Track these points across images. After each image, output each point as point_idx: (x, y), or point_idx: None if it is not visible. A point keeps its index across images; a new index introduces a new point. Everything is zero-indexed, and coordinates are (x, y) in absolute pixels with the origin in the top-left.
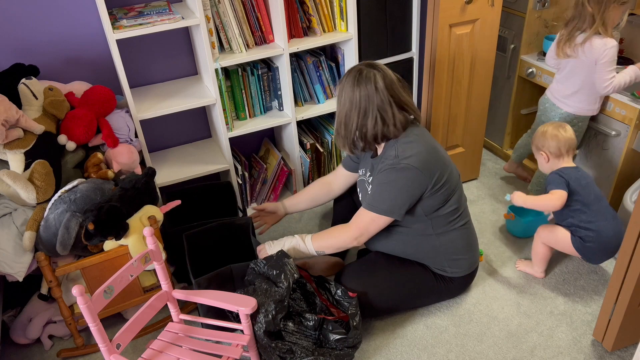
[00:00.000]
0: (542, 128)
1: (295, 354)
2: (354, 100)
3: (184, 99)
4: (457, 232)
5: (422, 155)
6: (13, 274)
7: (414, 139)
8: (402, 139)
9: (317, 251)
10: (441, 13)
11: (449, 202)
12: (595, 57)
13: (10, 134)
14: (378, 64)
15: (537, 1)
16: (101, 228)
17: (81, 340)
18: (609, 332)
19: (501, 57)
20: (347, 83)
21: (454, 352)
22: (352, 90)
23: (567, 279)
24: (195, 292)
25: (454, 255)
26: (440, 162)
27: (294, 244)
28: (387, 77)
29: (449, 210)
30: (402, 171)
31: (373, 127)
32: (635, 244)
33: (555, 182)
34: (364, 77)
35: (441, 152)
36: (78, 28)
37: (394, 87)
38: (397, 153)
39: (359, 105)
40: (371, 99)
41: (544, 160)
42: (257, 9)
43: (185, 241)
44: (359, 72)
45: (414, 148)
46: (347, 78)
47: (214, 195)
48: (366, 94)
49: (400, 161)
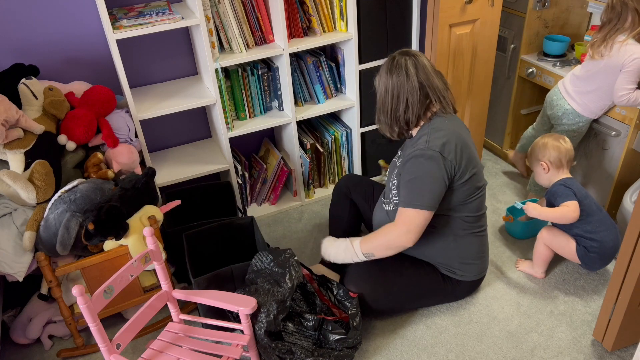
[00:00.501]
0: (541, 140)
1: (294, 354)
2: (388, 88)
3: (184, 99)
4: (473, 237)
5: (451, 144)
6: (13, 274)
7: (444, 126)
8: (434, 126)
9: (365, 254)
10: (441, 13)
11: (471, 203)
12: (622, 62)
13: (10, 134)
14: (412, 51)
15: (537, 1)
16: (101, 228)
17: (81, 340)
18: (609, 332)
19: (501, 57)
20: (382, 71)
21: (454, 352)
22: (386, 77)
23: (567, 279)
24: (195, 292)
25: (467, 259)
26: (467, 152)
27: (344, 247)
28: (420, 64)
29: (472, 213)
30: (431, 159)
31: (404, 113)
32: (635, 244)
33: (564, 194)
34: (396, 64)
35: (470, 146)
36: (78, 28)
37: (425, 72)
38: (428, 139)
39: (391, 92)
40: (402, 85)
41: (543, 171)
42: (257, 9)
43: (185, 241)
44: (392, 60)
45: (443, 137)
46: (383, 66)
47: (214, 195)
48: (397, 80)
49: (430, 148)
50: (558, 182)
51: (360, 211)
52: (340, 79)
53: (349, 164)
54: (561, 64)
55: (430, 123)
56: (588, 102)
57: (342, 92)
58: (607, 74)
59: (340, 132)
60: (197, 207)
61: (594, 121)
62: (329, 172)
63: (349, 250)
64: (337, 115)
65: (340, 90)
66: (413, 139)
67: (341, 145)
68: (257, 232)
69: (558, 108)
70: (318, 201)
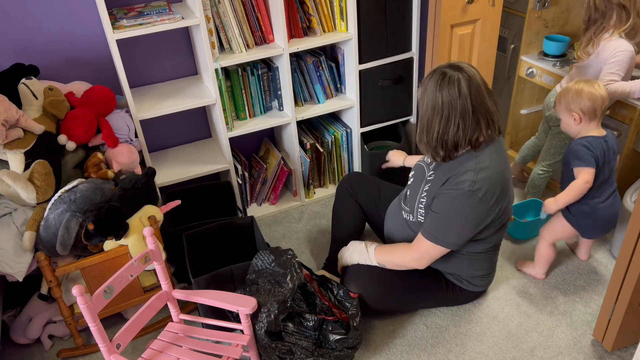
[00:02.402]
0: (575, 86)
1: (295, 354)
2: (437, 106)
3: (184, 99)
4: (487, 255)
5: (496, 188)
6: (13, 274)
7: (492, 164)
8: (482, 160)
9: (378, 263)
10: (443, 14)
11: (495, 235)
12: (606, 57)
13: (10, 134)
14: (464, 66)
15: (537, 1)
16: (101, 228)
17: (81, 340)
18: (609, 332)
19: (501, 57)
20: (429, 86)
21: (454, 352)
22: (435, 94)
23: (567, 279)
24: (195, 292)
25: (477, 274)
26: (508, 194)
27: (360, 249)
28: (473, 82)
29: (492, 241)
30: (471, 204)
31: (455, 135)
32: (635, 244)
33: (583, 158)
34: (447, 80)
35: (510, 183)
36: (78, 28)
37: (479, 92)
38: (475, 179)
39: (441, 111)
40: (454, 104)
41: (574, 122)
42: (257, 9)
43: (185, 241)
44: (442, 75)
45: (490, 179)
46: (429, 81)
47: (214, 195)
48: (449, 99)
49: (474, 191)
50: (581, 139)
51: (364, 212)
52: (340, 79)
53: (349, 164)
54: (561, 64)
55: (477, 155)
56: None
57: (342, 92)
58: (596, 71)
59: (340, 132)
60: (197, 207)
61: None
62: (329, 172)
63: (363, 254)
64: (337, 115)
65: (340, 90)
66: (454, 162)
67: (341, 145)
68: (257, 232)
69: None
70: (318, 201)
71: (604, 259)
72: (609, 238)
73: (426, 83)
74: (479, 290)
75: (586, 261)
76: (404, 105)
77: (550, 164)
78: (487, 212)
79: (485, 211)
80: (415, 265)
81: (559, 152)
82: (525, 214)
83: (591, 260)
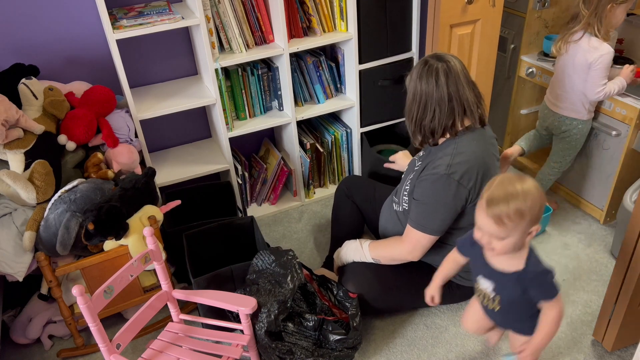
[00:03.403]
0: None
1: (295, 354)
2: (416, 93)
3: (184, 99)
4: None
5: (472, 171)
6: (13, 274)
7: (469, 148)
8: (459, 146)
9: (373, 258)
10: (442, 14)
11: None
12: (588, 60)
13: (10, 134)
14: (445, 56)
15: (537, 1)
16: (101, 228)
17: (81, 340)
18: (609, 332)
19: (501, 57)
20: (413, 74)
21: (454, 352)
22: (415, 82)
23: (567, 279)
24: (195, 292)
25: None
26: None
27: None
28: (452, 72)
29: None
30: (448, 187)
31: (430, 122)
32: (635, 244)
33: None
34: (427, 69)
35: (492, 169)
36: (78, 28)
37: (457, 82)
38: (451, 162)
39: (419, 99)
40: (430, 93)
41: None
42: (257, 9)
43: (185, 241)
44: (423, 64)
45: (466, 162)
46: (414, 69)
47: (214, 195)
48: (427, 88)
49: (449, 174)
50: (539, 261)
51: (362, 213)
52: (340, 79)
53: (349, 164)
54: None
55: (456, 140)
56: (570, 105)
57: (342, 92)
58: (574, 71)
59: (340, 132)
60: (197, 207)
61: (594, 121)
62: (329, 172)
63: (358, 251)
64: (337, 115)
65: (340, 90)
66: (435, 149)
67: (341, 145)
68: (257, 232)
69: (552, 119)
70: (318, 201)
71: (604, 259)
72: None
73: (412, 71)
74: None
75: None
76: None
77: (560, 166)
78: (466, 193)
79: (461, 194)
80: (409, 257)
81: (567, 154)
82: None
83: (591, 260)
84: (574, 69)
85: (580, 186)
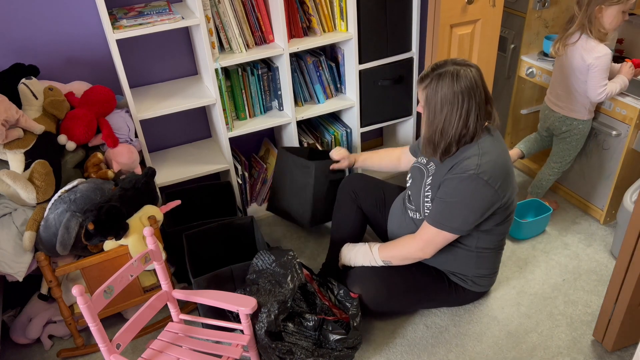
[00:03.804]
0: None
1: (295, 354)
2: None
3: (184, 99)
4: (494, 252)
5: (500, 173)
6: (13, 274)
7: (494, 150)
8: (484, 146)
9: (383, 261)
10: (442, 14)
11: (501, 226)
12: (585, 61)
13: (10, 134)
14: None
15: (537, 1)
16: (101, 228)
17: (81, 340)
18: (609, 332)
19: (501, 57)
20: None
21: (454, 352)
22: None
23: (567, 279)
24: (195, 292)
25: (483, 272)
26: (511, 181)
27: (363, 251)
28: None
29: (501, 235)
30: (477, 187)
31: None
32: (635, 244)
33: None
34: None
35: (513, 172)
36: (78, 28)
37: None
38: (479, 162)
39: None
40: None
41: None
42: (257, 9)
43: (185, 241)
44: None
45: (494, 163)
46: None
47: (214, 195)
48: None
49: (479, 174)
50: None
51: (366, 217)
52: (340, 79)
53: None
54: None
55: (478, 142)
56: (570, 105)
57: (342, 92)
58: (573, 73)
59: (340, 132)
60: (197, 207)
61: (594, 121)
62: None
63: (367, 255)
64: (337, 115)
65: (340, 90)
66: (453, 157)
67: (341, 145)
68: (257, 232)
69: (553, 119)
70: None
71: (604, 259)
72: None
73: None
74: (482, 291)
75: None
76: (404, 105)
77: (560, 166)
78: (492, 197)
79: (490, 195)
80: (421, 254)
81: (568, 154)
82: (526, 214)
83: (591, 260)
84: (573, 71)
85: (580, 186)
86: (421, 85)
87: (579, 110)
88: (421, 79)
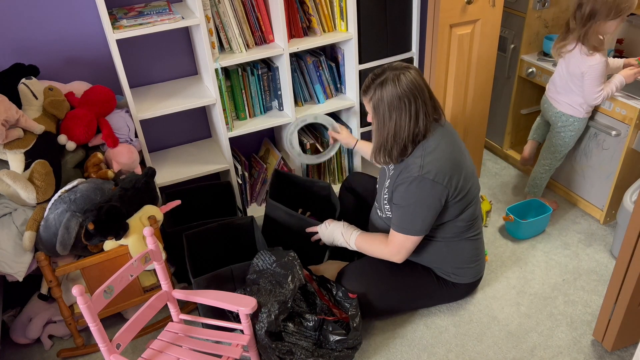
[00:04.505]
0: None
1: (295, 354)
2: (383, 105)
3: (184, 99)
4: (466, 242)
5: (445, 168)
6: (13, 274)
7: (438, 146)
8: (428, 145)
9: (356, 247)
10: (442, 14)
11: (463, 214)
12: (580, 69)
13: (10, 134)
14: (386, 69)
15: (537, 1)
16: (101, 228)
17: (81, 340)
18: (609, 332)
19: (501, 57)
20: (370, 94)
21: (454, 352)
22: (377, 96)
23: (567, 279)
24: (195, 292)
25: (461, 264)
26: (462, 172)
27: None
28: (401, 76)
29: (464, 222)
30: (424, 187)
31: (406, 125)
32: (635, 244)
33: None
34: (386, 78)
35: (463, 163)
36: (78, 28)
37: (423, 79)
38: (422, 163)
39: (388, 107)
40: (393, 94)
41: None
42: (257, 9)
43: (185, 241)
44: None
45: (437, 160)
46: (382, 87)
47: (214, 195)
48: (389, 92)
49: (424, 175)
50: None
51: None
52: (340, 78)
53: (349, 164)
54: None
55: (424, 143)
56: (568, 102)
57: (342, 92)
58: (570, 78)
59: None
60: (197, 207)
61: (594, 121)
62: (328, 172)
63: (343, 236)
64: (337, 115)
65: (340, 90)
66: (402, 162)
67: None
68: (257, 232)
69: (551, 114)
70: None
71: (604, 259)
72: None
73: (369, 93)
74: (470, 282)
75: None
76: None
77: (551, 163)
78: (442, 192)
79: (441, 191)
80: (394, 259)
81: (559, 150)
82: (526, 214)
83: (591, 260)
84: (569, 77)
85: (580, 186)
86: (366, 97)
87: (576, 109)
88: (364, 91)
